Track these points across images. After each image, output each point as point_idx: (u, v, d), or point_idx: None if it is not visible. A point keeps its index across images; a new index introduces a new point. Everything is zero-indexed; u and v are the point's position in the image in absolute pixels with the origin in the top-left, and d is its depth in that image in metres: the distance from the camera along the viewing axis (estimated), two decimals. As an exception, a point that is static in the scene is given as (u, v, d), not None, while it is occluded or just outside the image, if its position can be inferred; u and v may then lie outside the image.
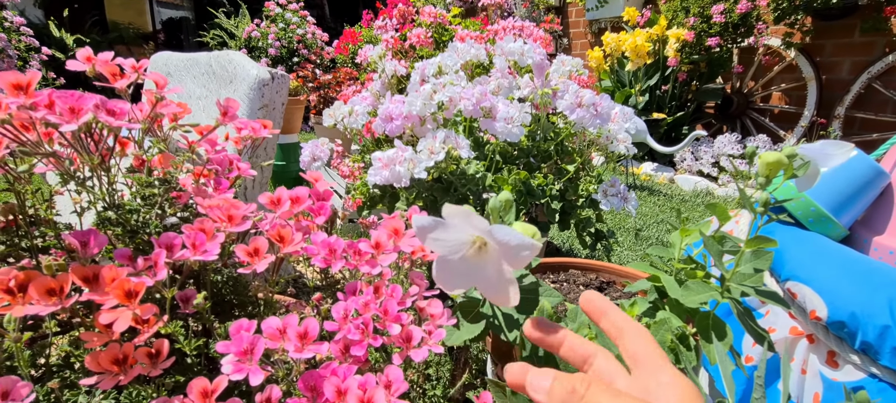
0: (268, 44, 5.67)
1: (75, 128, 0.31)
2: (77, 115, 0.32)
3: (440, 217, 0.29)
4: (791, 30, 3.22)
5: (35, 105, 0.30)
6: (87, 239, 0.31)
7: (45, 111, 0.31)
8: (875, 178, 0.64)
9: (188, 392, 0.29)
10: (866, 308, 0.52)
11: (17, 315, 0.27)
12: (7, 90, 0.30)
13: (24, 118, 0.32)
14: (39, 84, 3.14)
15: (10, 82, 0.31)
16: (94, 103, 0.33)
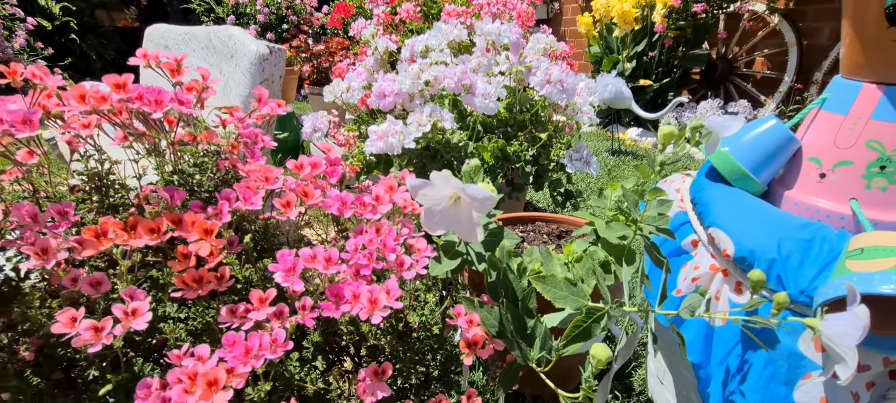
0: (256, 10, 5.60)
1: (160, 115, 0.43)
2: (160, 105, 0.44)
3: (427, 178, 0.42)
4: (774, -5, 3.28)
5: (132, 99, 0.42)
6: (172, 194, 0.44)
7: (138, 103, 0.43)
8: (787, 143, 0.78)
9: (250, 298, 0.43)
10: (761, 246, 0.67)
11: (133, 245, 0.40)
12: (111, 88, 0.42)
13: (121, 108, 0.43)
14: (27, 56, 3.17)
15: (113, 83, 0.43)
16: (170, 96, 0.45)
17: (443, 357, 0.56)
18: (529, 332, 0.48)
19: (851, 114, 0.72)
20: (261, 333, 0.39)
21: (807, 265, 0.64)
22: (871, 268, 0.53)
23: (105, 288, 0.42)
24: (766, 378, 0.65)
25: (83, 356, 0.43)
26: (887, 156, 0.68)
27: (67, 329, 0.37)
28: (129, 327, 0.38)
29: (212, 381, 0.37)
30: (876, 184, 0.69)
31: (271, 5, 5.53)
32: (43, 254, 0.38)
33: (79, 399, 0.45)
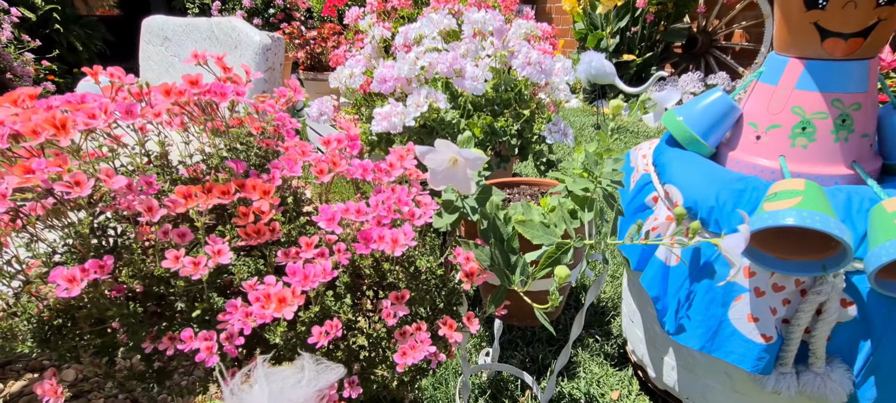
0: (243, -6, 5.59)
1: (226, 103, 0.56)
2: (224, 97, 0.57)
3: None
4: (750, -32, 3.39)
5: (203, 93, 0.55)
6: (237, 164, 0.56)
7: (209, 95, 0.55)
8: (730, 111, 0.92)
9: (299, 242, 0.57)
10: (702, 196, 0.81)
11: (207, 205, 0.54)
12: (186, 84, 0.55)
13: (193, 101, 0.56)
14: (14, 48, 3.17)
15: (188, 80, 0.55)
16: (232, 89, 0.57)
17: (447, 293, 0.71)
18: (513, 264, 0.62)
19: (780, 85, 0.86)
20: (312, 265, 0.53)
21: (738, 209, 0.79)
22: (780, 207, 0.68)
23: (189, 238, 0.55)
24: (707, 303, 0.81)
25: (173, 291, 0.56)
26: (807, 119, 0.83)
27: (173, 264, 0.50)
28: (217, 262, 0.51)
29: (281, 298, 0.50)
30: (798, 143, 0.84)
31: (257, -10, 5.53)
32: (149, 212, 0.51)
33: (170, 323, 0.59)
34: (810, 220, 0.63)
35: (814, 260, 0.70)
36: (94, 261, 0.47)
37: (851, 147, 0.82)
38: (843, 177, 0.82)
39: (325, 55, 2.68)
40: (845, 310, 0.72)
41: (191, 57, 0.71)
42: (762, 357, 0.75)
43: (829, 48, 0.80)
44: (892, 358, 0.70)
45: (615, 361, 1.22)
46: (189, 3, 5.95)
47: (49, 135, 0.47)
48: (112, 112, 0.50)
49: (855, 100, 0.81)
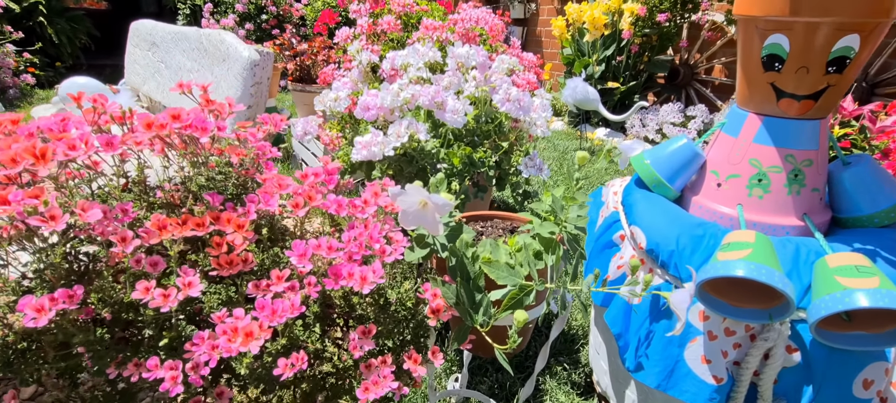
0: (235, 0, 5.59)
1: (207, 139, 0.58)
2: (205, 131, 0.58)
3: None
4: (732, 7, 3.52)
5: (185, 127, 0.57)
6: (213, 197, 0.58)
7: (190, 130, 0.57)
8: (694, 158, 0.97)
9: (271, 275, 0.58)
10: (664, 239, 0.85)
11: (181, 235, 0.55)
12: (170, 118, 0.56)
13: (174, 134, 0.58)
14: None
15: (171, 114, 0.57)
16: (213, 124, 0.59)
17: (414, 325, 0.73)
18: (477, 303, 0.65)
19: (740, 137, 0.91)
20: (281, 300, 0.54)
21: (696, 255, 0.83)
22: (732, 257, 0.72)
23: (161, 267, 0.57)
24: (665, 344, 0.84)
25: (141, 318, 0.58)
26: (763, 171, 0.88)
27: (143, 295, 0.51)
28: (187, 294, 0.53)
29: (248, 332, 0.52)
30: (755, 193, 0.89)
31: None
32: (123, 242, 0.52)
33: (136, 350, 0.60)
34: (757, 273, 0.67)
35: (762, 309, 0.75)
36: (63, 291, 0.48)
37: (803, 200, 0.87)
38: (794, 227, 0.87)
39: (314, 67, 2.70)
40: (790, 356, 0.76)
41: (178, 67, 0.73)
42: (713, 398, 0.78)
43: (784, 107, 0.85)
44: (832, 402, 0.74)
45: (581, 391, 1.25)
46: (181, 4, 5.92)
47: (28, 166, 0.49)
48: (92, 144, 0.52)
49: (807, 156, 0.86)
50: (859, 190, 0.89)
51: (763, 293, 0.74)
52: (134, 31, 2.26)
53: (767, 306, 0.74)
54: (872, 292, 0.64)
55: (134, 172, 0.67)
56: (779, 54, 0.82)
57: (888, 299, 0.63)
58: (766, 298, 0.74)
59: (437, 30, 1.59)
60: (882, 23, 0.77)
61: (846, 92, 0.85)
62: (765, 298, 0.74)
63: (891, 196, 0.85)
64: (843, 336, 0.71)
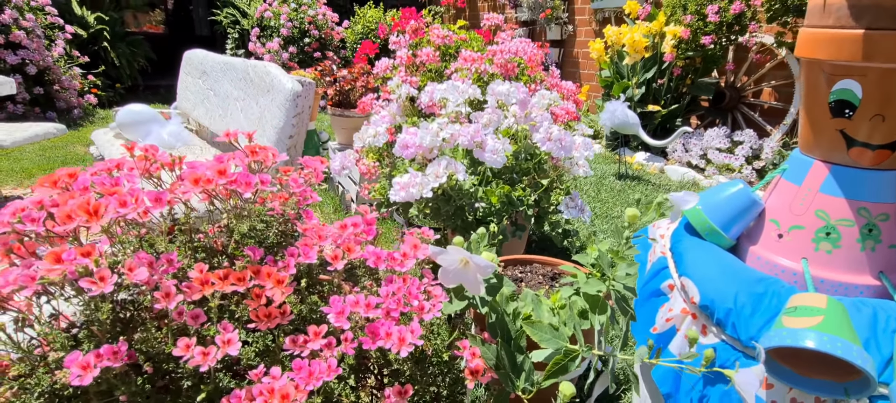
0: (280, 24, 5.84)
1: (250, 194, 0.58)
2: (249, 186, 0.59)
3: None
4: (783, 29, 3.37)
5: (230, 183, 0.57)
6: (253, 251, 0.58)
7: (235, 185, 0.58)
8: (751, 206, 0.90)
9: (308, 331, 0.57)
10: (721, 296, 0.79)
11: (222, 290, 0.55)
12: (215, 174, 0.57)
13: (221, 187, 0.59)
14: (64, 63, 3.40)
15: (216, 170, 0.58)
16: (257, 179, 0.60)
17: (451, 380, 0.70)
18: (519, 366, 0.62)
19: (804, 186, 0.84)
20: (319, 360, 0.53)
21: (757, 316, 0.76)
22: (800, 325, 0.66)
23: (202, 320, 0.57)
24: (722, 409, 0.78)
25: (182, 369, 0.58)
26: (832, 224, 0.81)
27: (183, 352, 0.51)
28: (226, 352, 0.52)
29: (285, 395, 0.51)
30: (822, 248, 0.82)
31: (295, 20, 5.77)
32: (166, 298, 0.53)
33: (175, 400, 0.60)
34: (831, 347, 0.61)
35: (836, 382, 0.67)
36: (108, 348, 0.49)
37: (878, 257, 0.79)
38: (869, 287, 0.79)
39: (353, 92, 2.75)
40: (868, 438, 0.68)
41: (226, 96, 0.74)
42: (777, 478, 0.71)
43: (855, 156, 0.78)
44: None
45: (624, 444, 1.18)
46: (230, 29, 6.24)
47: (82, 222, 0.50)
48: (142, 201, 0.53)
49: (883, 210, 0.79)
50: (945, 247, 0.80)
51: (837, 364, 0.67)
52: (187, 60, 2.38)
53: (842, 379, 0.67)
54: (972, 377, 0.56)
55: (180, 214, 0.68)
56: (850, 100, 0.76)
57: None
58: (841, 371, 0.67)
59: (475, 61, 1.58)
60: (971, 69, 0.70)
61: (928, 140, 0.77)
62: (839, 371, 0.67)
63: (984, 257, 0.76)
64: (935, 420, 0.63)
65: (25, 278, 0.47)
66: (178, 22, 9.64)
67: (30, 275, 0.47)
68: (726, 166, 3.35)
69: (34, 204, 0.52)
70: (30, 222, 0.50)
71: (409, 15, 1.92)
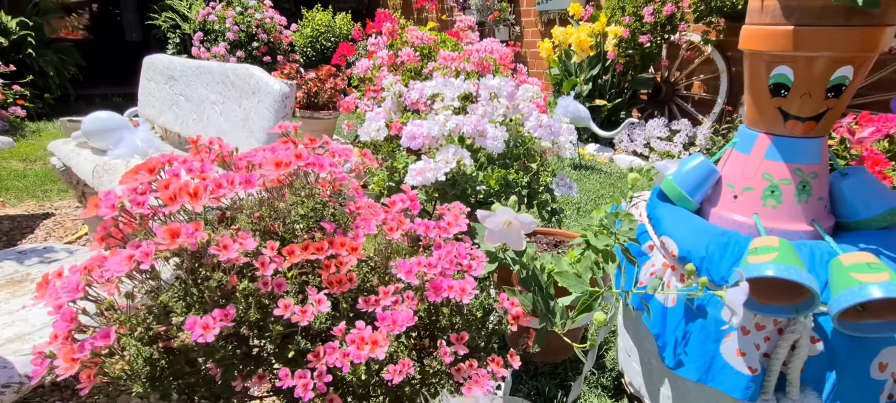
0: (226, 28, 5.65)
1: (325, 174, 0.66)
2: (323, 168, 0.67)
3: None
4: (708, 28, 3.76)
5: (306, 165, 0.65)
6: (328, 226, 0.66)
7: (311, 167, 0.65)
8: (711, 174, 1.09)
9: (379, 291, 0.66)
10: (694, 248, 0.96)
11: (303, 259, 0.63)
12: (294, 157, 0.65)
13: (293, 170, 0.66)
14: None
15: (295, 154, 0.65)
16: (330, 164, 0.67)
17: (487, 333, 0.81)
18: (552, 309, 0.74)
19: (752, 155, 1.03)
20: (398, 311, 0.63)
21: (725, 259, 0.94)
22: (761, 260, 0.83)
23: (285, 288, 0.64)
24: (702, 340, 0.94)
25: (269, 334, 0.65)
26: (775, 184, 1.00)
27: (284, 312, 0.59)
28: (319, 310, 0.60)
29: (374, 341, 0.60)
30: (769, 204, 1.01)
31: (241, 23, 5.61)
32: (262, 266, 0.60)
33: (258, 363, 0.67)
34: (787, 272, 0.78)
35: (789, 305, 0.85)
36: (219, 311, 0.56)
37: (811, 208, 0.99)
38: (805, 232, 0.99)
39: (321, 94, 2.78)
40: (814, 346, 0.87)
41: (200, 100, 0.80)
42: (749, 387, 0.88)
43: (790, 127, 0.98)
44: (853, 386, 0.85)
45: (612, 393, 1.34)
46: (170, 34, 5.95)
47: (185, 202, 0.56)
48: (235, 182, 0.59)
49: (812, 169, 0.99)
50: (857, 197, 1.01)
51: (789, 290, 0.85)
52: (149, 65, 2.31)
53: (794, 302, 0.85)
54: (885, 285, 0.75)
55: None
56: (785, 83, 0.95)
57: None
58: (792, 295, 0.85)
59: (454, 60, 1.70)
60: (870, 55, 0.91)
61: (841, 112, 0.99)
62: (791, 295, 0.85)
63: (885, 202, 0.98)
64: (860, 325, 0.82)
65: (142, 254, 0.52)
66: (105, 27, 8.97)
67: (145, 251, 0.53)
68: (667, 153, 3.69)
69: (130, 192, 0.58)
70: (137, 205, 0.55)
71: (384, 17, 2.00)
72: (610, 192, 2.84)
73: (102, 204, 0.55)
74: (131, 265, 0.52)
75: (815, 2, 0.87)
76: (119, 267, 0.52)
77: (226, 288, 0.61)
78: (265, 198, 0.75)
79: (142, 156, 1.90)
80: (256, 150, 0.73)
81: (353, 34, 2.38)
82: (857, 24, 0.86)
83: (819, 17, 0.88)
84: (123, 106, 3.73)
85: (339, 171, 0.82)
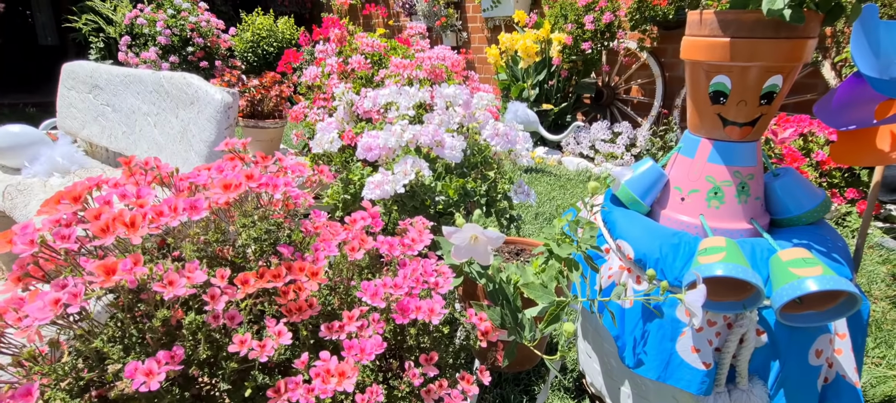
0: (157, 31, 5.29)
1: (280, 196, 0.61)
2: (277, 188, 0.62)
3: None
4: (643, 36, 3.99)
5: (259, 186, 0.60)
6: (286, 249, 0.61)
7: (263, 188, 0.60)
8: (660, 178, 1.14)
9: (343, 316, 0.63)
10: (649, 250, 1.00)
11: (258, 288, 0.58)
12: (245, 178, 0.59)
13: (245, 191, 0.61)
14: None
15: (246, 175, 0.60)
16: (284, 184, 0.63)
17: (454, 350, 0.79)
18: (521, 322, 0.73)
19: (696, 159, 1.09)
20: (367, 339, 0.59)
21: (677, 260, 0.98)
22: (710, 260, 0.87)
23: (239, 320, 0.59)
24: (659, 339, 0.98)
25: (222, 373, 0.59)
26: (718, 186, 1.06)
27: (239, 348, 0.54)
28: (279, 343, 0.56)
29: (341, 373, 0.56)
30: (713, 204, 1.07)
31: (174, 27, 5.27)
32: (213, 299, 0.54)
33: None
34: (735, 271, 0.83)
35: (736, 301, 0.90)
36: (165, 353, 0.50)
37: (750, 207, 1.06)
38: (745, 230, 1.05)
39: (265, 102, 2.66)
40: (760, 338, 0.92)
41: (130, 111, 0.74)
42: (704, 381, 0.93)
43: (729, 132, 1.04)
44: (795, 373, 0.91)
45: (574, 394, 1.36)
46: (93, 37, 5.49)
47: (120, 234, 0.50)
48: (181, 209, 0.54)
49: (749, 171, 1.06)
50: (788, 196, 1.10)
51: (736, 287, 0.90)
52: (69, 73, 2.11)
53: (740, 298, 0.90)
54: (819, 278, 0.81)
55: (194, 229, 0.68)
56: (723, 90, 1.01)
57: (830, 283, 0.81)
58: (738, 291, 0.90)
59: (406, 68, 1.68)
60: (797, 65, 0.98)
61: (773, 117, 1.06)
62: (738, 291, 0.90)
63: (813, 199, 1.06)
64: (798, 316, 0.88)
65: (70, 296, 0.46)
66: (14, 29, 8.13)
67: (73, 292, 0.46)
68: (611, 154, 3.86)
69: (52, 224, 0.50)
70: (62, 240, 0.48)
71: (331, 23, 1.94)
72: (561, 194, 2.92)
73: (18, 240, 0.48)
74: (58, 310, 0.46)
75: (749, 16, 0.93)
76: (43, 312, 0.45)
77: (170, 325, 0.55)
78: (210, 220, 0.70)
79: (62, 174, 1.72)
80: (200, 170, 0.67)
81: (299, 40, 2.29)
82: (784, 36, 0.92)
83: (752, 30, 0.94)
84: (38, 117, 3.39)
85: (293, 190, 0.77)
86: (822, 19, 0.92)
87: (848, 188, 2.48)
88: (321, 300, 0.66)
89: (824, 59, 3.13)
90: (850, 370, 0.97)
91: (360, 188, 1.25)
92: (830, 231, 1.07)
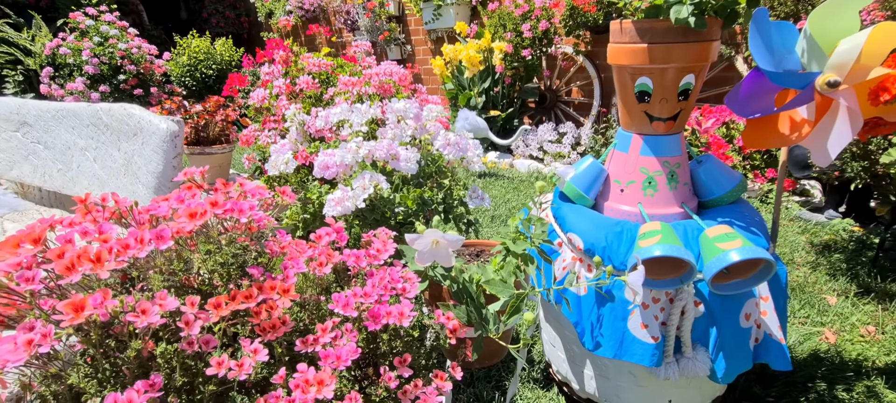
0: (82, 61, 4.98)
1: (245, 220, 0.63)
2: (243, 213, 0.63)
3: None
4: (578, 41, 4.22)
5: (225, 212, 0.61)
6: (257, 270, 0.63)
7: (230, 213, 0.62)
8: (600, 172, 1.24)
9: (317, 329, 0.65)
10: (596, 240, 1.09)
11: (229, 311, 0.60)
12: (209, 205, 0.61)
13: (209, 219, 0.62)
14: None
15: (210, 202, 0.61)
16: (249, 208, 0.64)
17: (425, 351, 0.83)
18: (486, 317, 0.79)
19: (630, 153, 1.20)
20: (341, 348, 0.62)
21: (621, 246, 1.07)
22: (649, 244, 0.97)
23: (214, 344, 0.60)
24: (612, 320, 1.07)
25: (197, 398, 0.60)
26: (651, 176, 1.17)
27: (218, 370, 0.55)
28: (256, 361, 0.58)
29: (320, 381, 0.59)
30: (648, 193, 1.17)
31: (102, 55, 4.98)
32: (187, 325, 0.56)
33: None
34: (670, 251, 0.92)
35: (674, 278, 1.00)
36: (144, 382, 0.51)
37: (679, 193, 1.18)
38: (677, 214, 1.17)
39: (211, 127, 2.60)
40: (697, 309, 1.03)
41: (65, 147, 0.74)
42: (655, 354, 1.02)
43: (655, 127, 1.16)
44: (728, 336, 1.02)
45: (542, 384, 1.43)
46: (8, 69, 5.08)
47: (87, 270, 0.51)
48: (147, 240, 0.55)
49: (676, 160, 1.17)
50: (710, 180, 1.23)
51: (674, 265, 1.00)
52: (-12, 110, 1.97)
53: (678, 274, 1.00)
54: (740, 249, 0.92)
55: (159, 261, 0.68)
56: (647, 90, 1.13)
57: (749, 252, 0.92)
58: (676, 268, 1.00)
59: (354, 85, 1.71)
60: (705, 64, 1.11)
61: (691, 111, 1.19)
62: (675, 269, 1.00)
63: (731, 181, 1.20)
64: (727, 285, 0.99)
65: (41, 337, 0.46)
66: None
67: (43, 333, 0.47)
68: (559, 154, 4.04)
69: (13, 267, 0.50)
70: (26, 282, 0.48)
71: (275, 45, 1.95)
72: (515, 196, 3.03)
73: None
74: (31, 351, 0.46)
75: (661, 24, 1.04)
76: (15, 355, 0.45)
77: (142, 356, 0.56)
78: (173, 250, 0.70)
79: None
80: (158, 202, 0.68)
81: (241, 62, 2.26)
82: (692, 40, 1.05)
83: (665, 36, 1.05)
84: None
85: (257, 214, 0.79)
86: (722, 23, 1.05)
87: (768, 168, 2.75)
88: (293, 317, 0.68)
89: (737, 54, 3.45)
90: (775, 329, 1.10)
91: (320, 207, 1.26)
92: (749, 208, 1.21)
